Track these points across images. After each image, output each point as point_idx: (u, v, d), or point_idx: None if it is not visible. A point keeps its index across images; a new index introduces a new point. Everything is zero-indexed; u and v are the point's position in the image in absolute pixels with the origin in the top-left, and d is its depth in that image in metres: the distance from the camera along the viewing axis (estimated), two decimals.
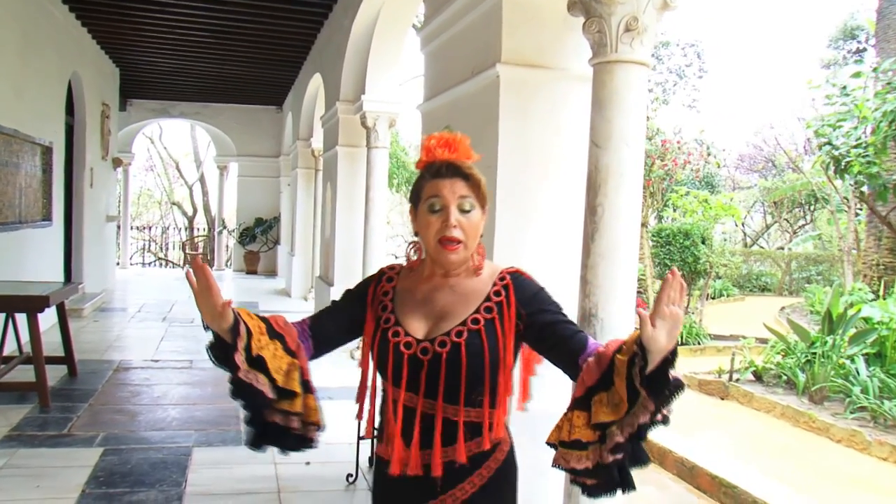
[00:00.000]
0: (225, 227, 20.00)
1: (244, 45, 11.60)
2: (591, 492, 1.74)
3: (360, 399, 2.01)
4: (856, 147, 6.48)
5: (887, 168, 6.77)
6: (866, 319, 7.98)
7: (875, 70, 6.89)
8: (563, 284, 3.25)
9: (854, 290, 11.83)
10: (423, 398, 1.83)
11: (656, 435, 4.01)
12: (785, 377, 7.78)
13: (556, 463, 1.77)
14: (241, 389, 1.78)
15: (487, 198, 1.92)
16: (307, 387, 1.87)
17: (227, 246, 20.77)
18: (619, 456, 1.65)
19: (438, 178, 1.86)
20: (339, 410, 6.63)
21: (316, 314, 2.05)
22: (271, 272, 18.51)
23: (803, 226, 26.56)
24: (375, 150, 8.31)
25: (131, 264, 20.59)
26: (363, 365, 2.01)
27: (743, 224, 26.96)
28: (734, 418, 7.03)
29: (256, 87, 15.59)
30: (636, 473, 1.71)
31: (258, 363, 1.76)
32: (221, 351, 1.76)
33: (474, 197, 1.86)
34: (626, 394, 1.59)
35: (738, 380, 7.99)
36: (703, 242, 13.06)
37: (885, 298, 9.49)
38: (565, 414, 1.75)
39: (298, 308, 12.77)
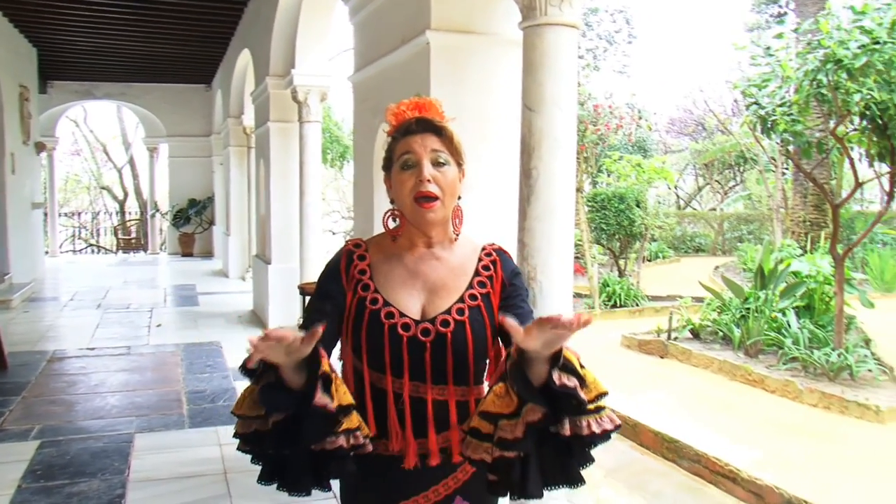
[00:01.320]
0: (158, 210, 19.57)
1: (169, 22, 11.27)
2: (492, 488, 1.70)
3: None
4: (781, 106, 6.61)
5: (811, 126, 6.96)
6: (795, 274, 8.21)
7: (796, 31, 7.05)
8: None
9: (783, 246, 12.17)
10: (432, 385, 1.72)
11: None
12: (721, 333, 7.97)
13: (459, 450, 1.71)
14: (293, 422, 1.53)
15: (463, 154, 1.80)
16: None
17: (161, 229, 20.34)
18: (510, 454, 1.57)
19: (409, 135, 1.76)
20: None
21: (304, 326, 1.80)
22: (207, 253, 18.20)
23: (734, 186, 27.15)
24: (308, 124, 8.20)
25: (61, 252, 20.00)
26: (343, 356, 1.83)
27: (676, 187, 27.42)
28: (674, 376, 7.19)
29: (184, 64, 15.22)
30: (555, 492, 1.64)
31: (325, 384, 1.54)
32: (275, 394, 1.52)
33: (448, 152, 1.76)
34: (514, 386, 1.53)
35: (676, 338, 8.16)
36: (637, 206, 13.24)
37: (812, 253, 9.78)
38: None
39: (237, 288, 12.63)
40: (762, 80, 6.92)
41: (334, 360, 1.74)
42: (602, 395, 1.55)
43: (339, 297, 1.79)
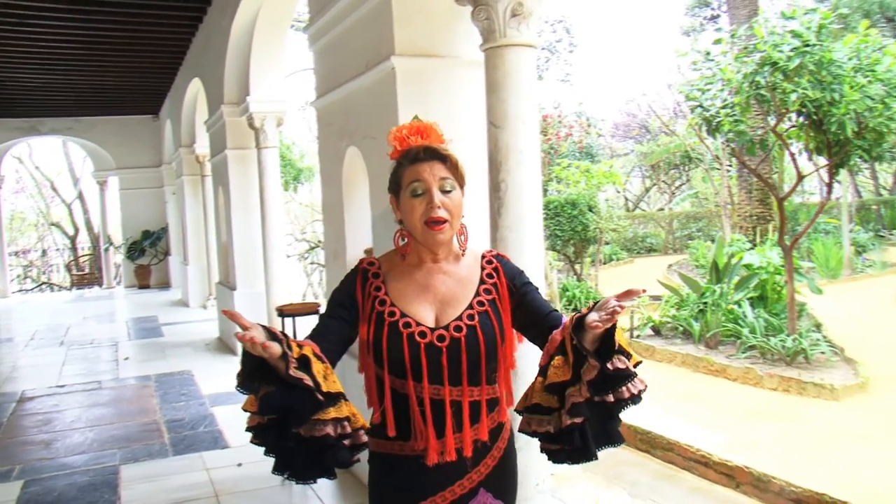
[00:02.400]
0: (111, 244, 19.35)
1: (114, 54, 11.24)
2: (555, 458, 1.87)
3: (372, 402, 1.97)
4: (723, 108, 6.94)
5: (752, 125, 7.30)
6: (747, 266, 8.57)
7: (733, 36, 7.39)
8: None
9: (733, 241, 12.58)
10: (449, 386, 1.87)
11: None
12: (681, 328, 8.27)
13: (521, 428, 1.91)
14: (279, 402, 1.68)
15: (465, 177, 1.96)
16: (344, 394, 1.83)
17: (116, 262, 20.11)
18: (578, 420, 1.75)
19: (418, 163, 1.91)
20: None
21: (314, 333, 1.97)
22: (165, 284, 18.04)
23: (680, 186, 27.78)
24: (266, 150, 8.30)
25: (12, 293, 19.65)
26: (364, 367, 1.97)
27: (624, 189, 27.97)
28: (639, 371, 7.43)
29: (131, 96, 15.12)
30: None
31: (303, 364, 1.70)
32: (255, 366, 1.67)
33: (453, 178, 1.92)
34: (571, 350, 1.74)
35: (638, 336, 8.43)
36: (590, 210, 13.55)
37: (761, 246, 10.17)
38: (532, 383, 1.89)
39: (199, 317, 12.59)
40: (705, 83, 7.26)
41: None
42: (638, 363, 1.79)
43: (353, 309, 1.95)
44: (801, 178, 7.32)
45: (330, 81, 5.02)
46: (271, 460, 1.81)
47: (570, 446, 1.81)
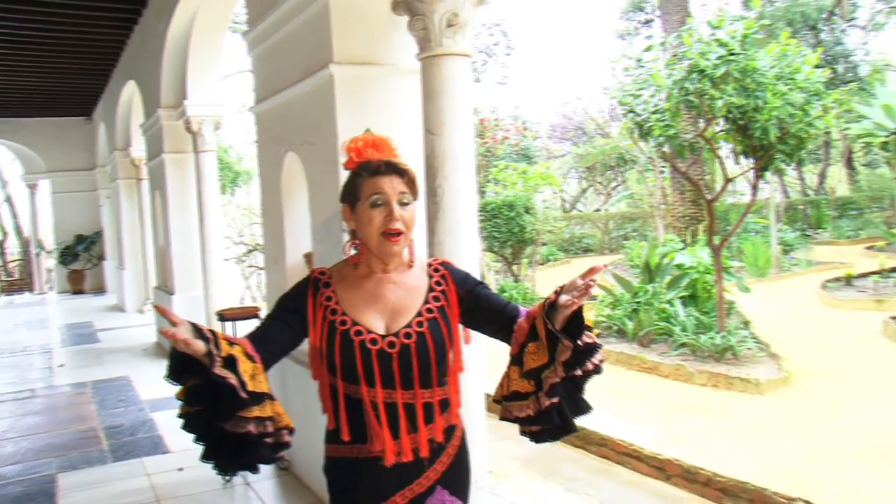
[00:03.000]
0: (43, 248, 18.89)
1: (45, 55, 11.00)
2: (538, 438, 2.00)
3: (326, 408, 2.05)
4: (655, 113, 7.16)
5: (682, 129, 7.54)
6: (679, 266, 8.83)
7: (663, 44, 7.64)
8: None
9: (666, 241, 12.90)
10: (402, 389, 1.96)
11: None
12: (616, 327, 8.48)
13: (503, 416, 2.02)
14: (204, 396, 1.78)
15: (418, 191, 2.07)
16: (271, 394, 1.90)
17: (48, 268, 19.63)
18: (556, 399, 1.89)
19: (378, 176, 1.98)
20: None
21: (255, 331, 2.04)
22: (99, 289, 17.69)
23: (616, 187, 28.31)
24: (203, 154, 8.27)
25: None
26: (318, 375, 2.04)
27: (561, 191, 28.38)
28: None
29: (62, 97, 14.80)
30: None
31: (229, 364, 1.78)
32: (182, 360, 1.75)
33: (410, 192, 2.02)
34: (545, 334, 1.85)
35: None
36: (527, 212, 13.73)
37: (692, 246, 10.50)
38: (505, 372, 2.01)
39: (136, 322, 12.43)
40: (637, 88, 7.48)
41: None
42: (599, 335, 1.94)
43: (301, 317, 2.03)
44: (728, 180, 7.60)
45: (269, 87, 5.06)
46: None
47: (550, 425, 1.94)
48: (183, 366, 1.76)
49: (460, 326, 2.11)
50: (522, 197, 13.83)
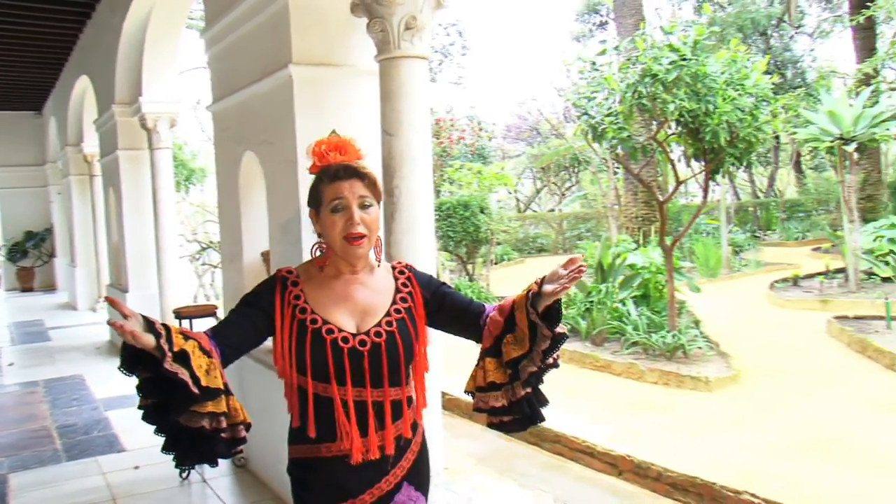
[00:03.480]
0: None
1: None
2: (509, 428, 2.09)
3: (293, 408, 2.06)
4: (608, 115, 7.29)
5: (635, 132, 7.70)
6: (631, 266, 9.00)
7: (617, 48, 7.78)
8: None
9: (619, 241, 13.11)
10: (371, 388, 1.99)
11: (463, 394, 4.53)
12: (569, 326, 8.62)
13: (476, 407, 2.10)
14: (159, 388, 1.79)
15: (381, 193, 2.09)
16: (227, 389, 1.90)
17: None
18: (529, 390, 2.01)
19: (337, 181, 2.00)
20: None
21: (216, 326, 2.05)
22: (50, 287, 17.37)
23: (570, 187, 28.62)
24: (159, 151, 8.21)
25: None
26: (285, 373, 2.03)
27: (515, 191, 28.59)
28: None
29: (10, 91, 14.47)
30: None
31: (183, 359, 1.79)
32: (133, 354, 1.77)
33: (371, 195, 2.03)
34: (527, 325, 1.95)
35: None
36: (482, 212, 13.82)
37: (645, 246, 10.69)
38: (477, 365, 2.09)
39: (88, 320, 12.25)
40: (591, 91, 7.61)
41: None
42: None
43: (266, 316, 2.02)
44: (679, 182, 7.78)
45: (226, 86, 5.06)
46: (169, 462, 1.94)
47: (520, 415, 2.04)
48: (134, 359, 1.77)
49: (426, 327, 2.16)
50: (477, 197, 13.92)
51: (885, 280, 10.46)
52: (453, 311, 2.16)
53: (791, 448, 5.10)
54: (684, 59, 6.52)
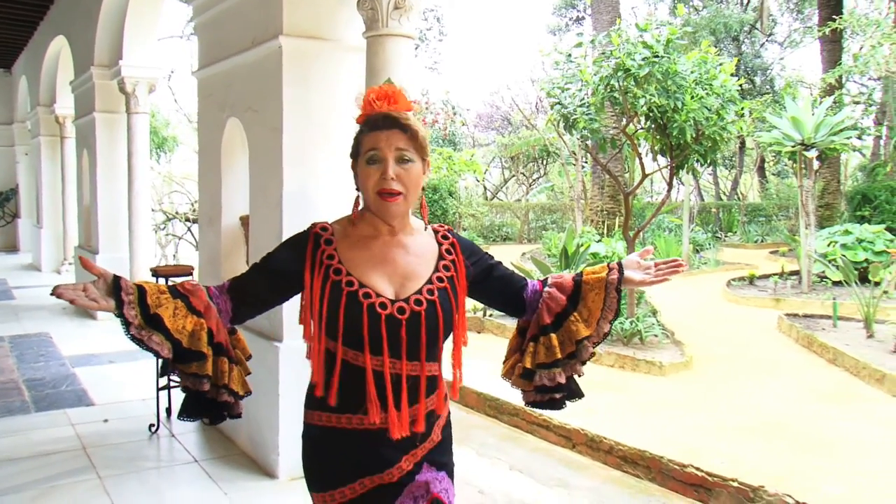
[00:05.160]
0: None
1: None
2: (556, 405, 2.11)
3: (318, 374, 1.87)
4: (580, 107, 7.52)
5: (606, 124, 7.95)
6: (594, 255, 9.29)
7: (592, 41, 8.00)
8: None
9: (584, 232, 13.43)
10: (407, 361, 1.84)
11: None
12: None
13: (542, 384, 2.06)
14: (144, 349, 1.80)
15: (427, 149, 1.92)
16: (219, 349, 1.85)
17: None
18: (582, 369, 2.07)
19: (376, 131, 1.85)
20: (125, 371, 6.92)
21: (239, 276, 1.98)
22: (12, 248, 17.23)
23: (538, 178, 28.94)
24: (136, 115, 8.31)
25: None
26: (311, 335, 1.89)
27: (483, 179, 28.84)
28: (490, 347, 7.87)
29: None
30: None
31: (155, 322, 1.77)
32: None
33: (413, 149, 1.86)
34: (600, 307, 2.03)
35: (491, 315, 8.97)
36: (450, 195, 14.04)
37: (608, 238, 10.98)
38: (534, 342, 2.06)
39: (52, 281, 12.20)
40: (565, 82, 7.84)
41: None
42: None
43: (293, 276, 1.90)
44: (645, 176, 8.05)
45: (213, 54, 5.18)
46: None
47: (568, 391, 2.10)
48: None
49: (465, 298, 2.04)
50: (447, 181, 14.14)
51: (836, 283, 10.86)
52: (498, 285, 2.08)
53: (735, 429, 5.39)
54: (657, 57, 6.77)
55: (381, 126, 1.85)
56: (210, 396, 1.86)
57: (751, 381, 6.73)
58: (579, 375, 2.08)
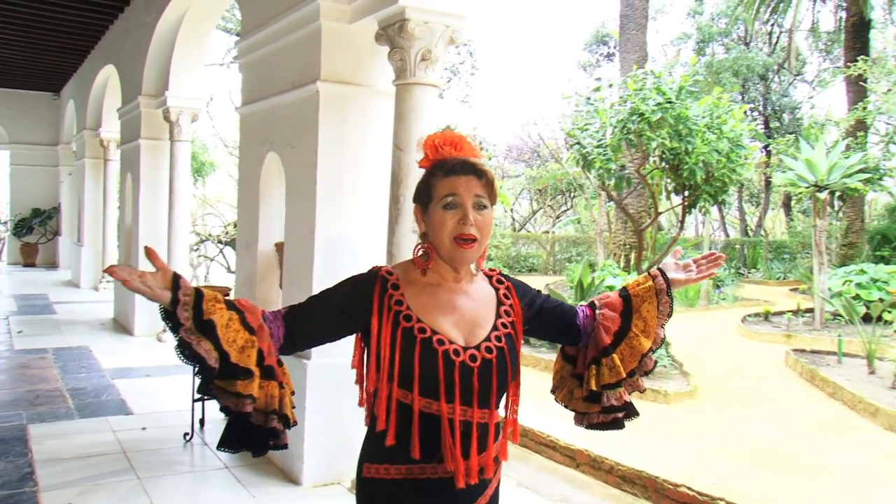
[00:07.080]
0: None
1: (20, 29, 11.27)
2: (618, 424, 2.11)
3: (384, 422, 1.78)
4: (598, 147, 7.93)
5: (622, 164, 8.34)
6: (610, 287, 9.62)
7: (610, 85, 8.43)
8: (375, 260, 4.21)
9: (605, 265, 13.77)
10: (478, 408, 1.79)
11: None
12: None
13: (610, 404, 2.06)
14: (188, 355, 1.69)
15: (497, 195, 1.90)
16: (269, 372, 1.76)
17: (1, 238, 19.72)
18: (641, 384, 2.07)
19: (454, 176, 1.82)
20: (161, 384, 7.44)
21: (297, 304, 1.90)
22: (52, 264, 17.93)
23: (565, 211, 29.30)
24: (179, 143, 8.81)
25: None
26: (378, 384, 1.81)
27: (512, 210, 29.23)
28: None
29: (32, 72, 15.06)
30: None
31: (207, 329, 1.68)
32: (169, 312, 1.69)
33: (487, 196, 1.84)
34: (655, 316, 2.03)
35: None
36: None
37: (625, 271, 11.30)
38: (596, 364, 2.03)
39: (91, 298, 12.78)
40: (584, 123, 8.26)
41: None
42: None
43: (356, 317, 1.85)
44: (658, 213, 8.41)
45: (256, 93, 5.65)
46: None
47: (630, 409, 2.10)
48: (170, 318, 1.70)
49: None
50: None
51: (850, 322, 11.08)
52: (551, 318, 2.04)
53: (731, 454, 5.71)
54: (669, 102, 7.17)
55: (460, 171, 1.83)
56: (256, 423, 1.77)
57: (751, 411, 7.03)
58: (641, 391, 2.11)
